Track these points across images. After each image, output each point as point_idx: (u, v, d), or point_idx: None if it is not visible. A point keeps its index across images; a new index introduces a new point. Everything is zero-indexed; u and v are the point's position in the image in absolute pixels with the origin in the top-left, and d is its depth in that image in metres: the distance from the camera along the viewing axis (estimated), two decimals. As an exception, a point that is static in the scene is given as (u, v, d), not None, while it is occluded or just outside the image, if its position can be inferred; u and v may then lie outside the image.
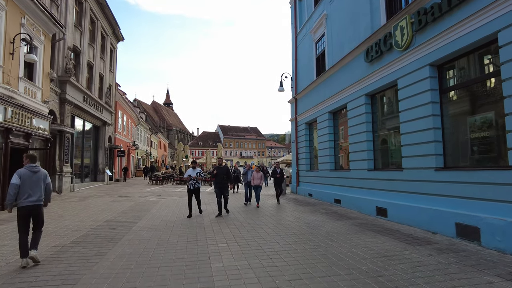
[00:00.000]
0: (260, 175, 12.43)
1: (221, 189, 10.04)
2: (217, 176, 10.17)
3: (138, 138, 43.47)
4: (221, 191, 10.03)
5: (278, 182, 13.32)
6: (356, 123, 11.09)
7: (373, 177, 10.13)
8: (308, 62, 16.14)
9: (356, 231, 7.71)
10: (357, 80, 11.02)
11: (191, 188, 9.94)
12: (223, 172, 10.18)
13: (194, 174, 9.96)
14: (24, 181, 5.14)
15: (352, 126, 11.38)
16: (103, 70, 25.72)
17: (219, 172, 10.20)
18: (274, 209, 11.43)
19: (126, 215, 10.17)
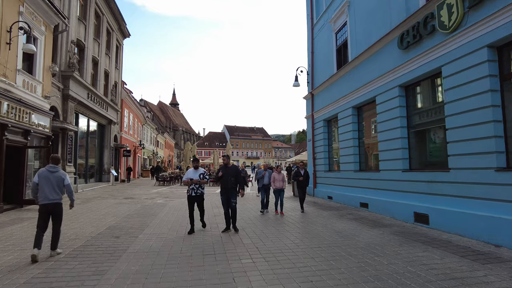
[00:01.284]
0: (282, 177, 10.56)
1: (228, 195, 7.69)
2: (223, 178, 7.72)
3: (145, 137, 42.61)
4: (228, 198, 7.69)
5: (302, 185, 11.03)
6: (388, 118, 9.92)
7: (409, 178, 8.96)
8: (326, 54, 14.99)
9: (400, 242, 6.56)
10: (388, 70, 9.86)
11: (192, 194, 7.60)
12: (230, 174, 7.70)
13: (196, 176, 7.61)
14: (41, 181, 5.47)
15: (383, 121, 10.21)
16: (108, 66, 24.82)
17: (225, 173, 7.73)
18: (294, 215, 10.30)
19: (131, 220, 9.13)
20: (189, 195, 7.69)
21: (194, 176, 7.63)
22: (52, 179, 5.54)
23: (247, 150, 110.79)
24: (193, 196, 7.66)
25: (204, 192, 7.87)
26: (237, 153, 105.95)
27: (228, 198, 7.67)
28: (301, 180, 10.88)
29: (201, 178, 7.61)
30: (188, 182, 7.64)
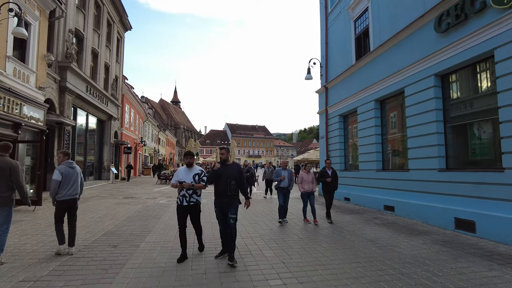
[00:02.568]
0: (312, 178, 8.67)
1: (225, 207, 5.27)
2: (220, 181, 5.33)
3: (146, 134, 41.59)
4: (224, 211, 5.29)
5: (330, 188, 8.93)
6: (420, 111, 8.83)
7: (447, 179, 7.88)
8: (343, 44, 13.88)
9: (452, 255, 5.48)
10: (420, 58, 8.77)
11: (183, 204, 5.28)
12: (231, 175, 5.31)
13: (189, 177, 5.28)
14: (65, 177, 5.46)
15: (413, 115, 9.12)
16: (109, 59, 23.75)
17: (223, 173, 5.33)
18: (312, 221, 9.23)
19: (131, 224, 8.07)
20: (179, 204, 5.30)
21: (186, 177, 5.28)
22: (73, 175, 5.61)
23: (248, 148, 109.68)
24: (185, 207, 5.27)
25: (201, 201, 5.53)
26: (239, 151, 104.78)
27: (225, 212, 5.26)
28: (328, 181, 8.83)
29: (197, 181, 5.30)
30: (178, 186, 5.23)
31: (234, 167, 5.51)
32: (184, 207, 5.30)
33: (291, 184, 8.60)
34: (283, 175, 8.46)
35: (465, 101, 7.97)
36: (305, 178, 8.64)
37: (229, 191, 5.25)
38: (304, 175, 8.70)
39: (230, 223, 5.15)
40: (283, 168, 8.87)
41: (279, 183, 8.56)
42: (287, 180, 8.51)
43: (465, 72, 7.88)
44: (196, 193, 5.38)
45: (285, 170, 8.78)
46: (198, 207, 5.48)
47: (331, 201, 9.05)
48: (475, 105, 7.63)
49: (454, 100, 8.23)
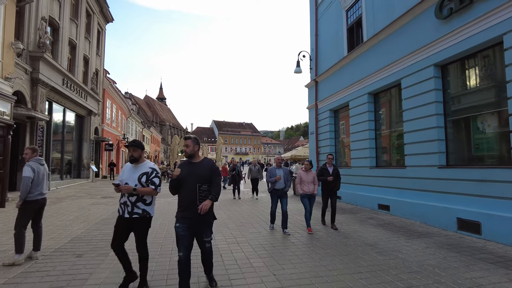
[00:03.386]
0: (312, 177, 7.23)
1: (193, 224, 3.66)
2: (184, 184, 3.71)
3: (129, 131, 40.30)
4: (192, 230, 3.68)
5: (330, 189, 7.63)
6: (418, 104, 8.27)
7: (448, 176, 7.35)
8: (334, 36, 13.26)
9: (462, 261, 4.90)
10: (419, 48, 8.20)
11: (125, 215, 3.74)
12: (201, 176, 3.70)
13: (134, 178, 3.78)
14: (36, 174, 5.02)
15: (410, 109, 8.56)
16: (88, 52, 22.57)
17: (189, 174, 3.71)
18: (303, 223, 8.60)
19: (104, 229, 7.25)
20: (119, 215, 3.80)
21: (130, 178, 3.77)
22: (44, 172, 5.21)
23: (236, 146, 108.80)
24: (126, 219, 3.72)
25: (152, 213, 3.87)
26: (226, 149, 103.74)
27: (195, 232, 3.68)
28: (330, 181, 7.53)
29: (144, 183, 3.77)
30: (120, 190, 3.70)
31: (205, 165, 3.75)
32: (125, 220, 3.71)
33: (287, 184, 7.11)
34: (278, 174, 7.05)
35: (467, 92, 7.43)
36: (304, 178, 7.18)
37: (199, 200, 3.59)
38: (303, 174, 7.24)
39: (205, 248, 3.76)
40: (277, 166, 7.32)
41: (273, 185, 7.08)
42: (283, 180, 7.07)
43: (468, 61, 7.34)
44: (144, 200, 3.76)
45: (280, 168, 7.26)
46: (145, 221, 3.79)
47: (335, 203, 7.63)
48: (479, 97, 7.10)
49: (456, 92, 7.69)
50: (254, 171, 13.82)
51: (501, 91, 6.46)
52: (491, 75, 6.82)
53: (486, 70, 6.94)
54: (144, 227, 3.85)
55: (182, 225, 3.60)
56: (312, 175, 7.27)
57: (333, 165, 7.85)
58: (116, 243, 3.78)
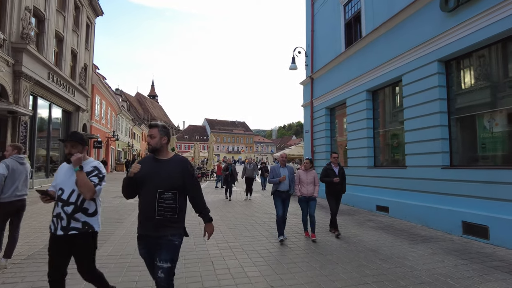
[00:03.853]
0: (313, 177, 6.46)
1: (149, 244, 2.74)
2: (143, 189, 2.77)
3: (119, 128, 39.47)
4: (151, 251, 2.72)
5: (337, 191, 6.91)
6: (420, 101, 7.91)
7: (452, 177, 6.99)
8: (331, 31, 12.86)
9: (475, 270, 4.52)
10: (422, 42, 7.83)
11: (58, 233, 2.78)
12: (164, 179, 2.72)
13: (70, 182, 2.87)
14: (11, 172, 4.57)
15: (412, 106, 8.19)
16: (76, 46, 21.81)
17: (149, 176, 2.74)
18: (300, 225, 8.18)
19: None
20: (51, 232, 2.86)
21: (66, 182, 2.90)
22: (22, 172, 4.77)
23: (228, 144, 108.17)
24: (59, 238, 2.80)
25: (97, 227, 2.98)
26: (218, 147, 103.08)
27: (153, 253, 2.71)
28: (336, 182, 6.72)
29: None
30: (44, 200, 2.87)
31: (175, 165, 2.79)
32: (59, 239, 2.78)
33: (292, 186, 6.30)
34: (283, 174, 6.15)
35: (474, 89, 7.07)
36: (303, 179, 6.41)
37: (158, 212, 2.66)
38: (302, 174, 6.46)
39: (157, 278, 2.59)
40: (281, 164, 6.35)
41: (276, 186, 6.18)
42: (288, 181, 6.20)
43: (475, 56, 6.98)
44: (84, 210, 2.88)
45: (285, 167, 6.33)
46: (86, 239, 2.87)
47: (337, 207, 6.94)
48: (486, 94, 6.75)
49: (461, 89, 7.33)
50: (249, 169, 13.12)
51: (510, 88, 6.12)
52: (499, 71, 6.47)
53: (494, 66, 6.59)
54: (86, 248, 2.89)
55: (140, 246, 2.80)
56: (313, 175, 6.48)
57: (338, 164, 7.01)
58: (52, 272, 2.77)
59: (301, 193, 6.43)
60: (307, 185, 6.39)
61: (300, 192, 6.43)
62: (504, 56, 6.36)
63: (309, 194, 6.36)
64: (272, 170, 6.33)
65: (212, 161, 27.28)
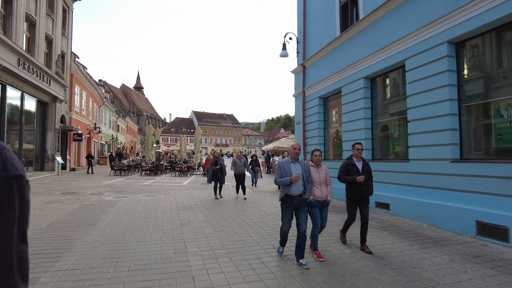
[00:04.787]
0: (324, 175, 5.10)
1: None
2: None
3: (102, 121, 37.96)
4: None
5: (360, 194, 5.32)
6: (426, 88, 7.17)
7: (461, 172, 6.31)
8: (325, 15, 12.01)
9: (505, 283, 3.81)
10: (429, 22, 7.06)
11: None
12: None
13: None
14: None
15: (416, 94, 7.45)
16: (52, 31, 20.38)
17: None
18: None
19: (51, 235, 5.78)
20: None
21: None
22: None
23: (216, 137, 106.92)
24: None
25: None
26: (206, 140, 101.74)
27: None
28: (360, 181, 5.08)
29: None
30: None
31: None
32: None
33: (308, 188, 4.61)
34: (296, 172, 4.53)
35: (488, 74, 6.34)
36: (315, 177, 4.93)
37: None
38: (313, 171, 4.96)
39: None
40: (292, 159, 4.71)
41: (286, 189, 4.56)
42: (302, 180, 4.56)
43: (490, 36, 6.25)
44: None
45: (297, 163, 4.69)
46: None
47: (367, 215, 5.23)
48: (503, 79, 6.04)
49: (473, 74, 6.61)
50: (239, 165, 11.24)
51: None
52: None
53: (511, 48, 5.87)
54: None
55: None
56: (325, 172, 5.07)
57: (362, 158, 5.45)
58: None
59: (314, 197, 4.88)
60: (320, 186, 4.95)
61: (313, 195, 4.88)
62: (525, 35, 5.64)
63: (323, 197, 4.95)
64: (280, 167, 4.67)
65: (199, 154, 26.34)
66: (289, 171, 4.57)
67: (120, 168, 21.55)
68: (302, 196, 4.56)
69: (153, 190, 12.87)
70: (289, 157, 4.86)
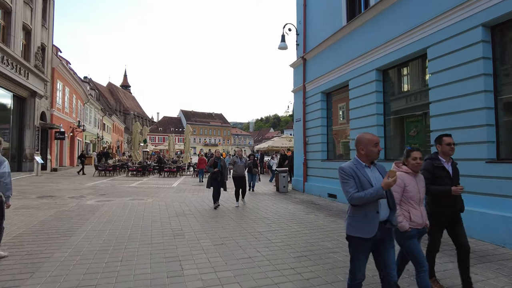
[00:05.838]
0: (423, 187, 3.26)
1: None
2: None
3: (87, 119, 36.36)
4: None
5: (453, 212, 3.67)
6: (452, 80, 6.32)
7: (499, 174, 5.48)
8: (328, 4, 11.11)
9: None
10: (459, 4, 6.21)
11: None
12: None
13: None
14: None
15: (439, 86, 6.59)
16: (30, 22, 18.96)
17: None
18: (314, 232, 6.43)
19: (14, 252, 4.67)
20: None
21: None
22: None
23: (205, 136, 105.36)
24: None
25: None
26: (194, 139, 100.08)
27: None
28: (458, 193, 3.50)
29: None
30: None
31: None
32: None
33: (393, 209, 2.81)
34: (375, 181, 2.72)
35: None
36: (412, 191, 3.14)
37: None
38: (409, 180, 3.16)
39: None
40: (365, 159, 2.83)
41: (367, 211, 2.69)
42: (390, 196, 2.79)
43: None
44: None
45: (373, 166, 2.84)
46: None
47: (466, 242, 3.62)
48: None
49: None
50: (239, 165, 9.45)
51: None
52: None
53: None
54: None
55: None
56: (423, 183, 3.28)
57: (451, 159, 3.79)
58: None
59: (412, 223, 3.07)
60: (420, 205, 3.17)
61: (411, 221, 3.08)
62: None
63: (424, 223, 3.17)
64: (347, 174, 2.75)
65: (189, 153, 25.16)
66: (368, 180, 2.71)
67: (105, 168, 20.24)
68: (388, 223, 2.75)
69: (140, 193, 11.75)
70: (357, 157, 2.88)
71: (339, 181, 2.85)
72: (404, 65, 8.16)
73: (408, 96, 8.17)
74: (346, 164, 2.84)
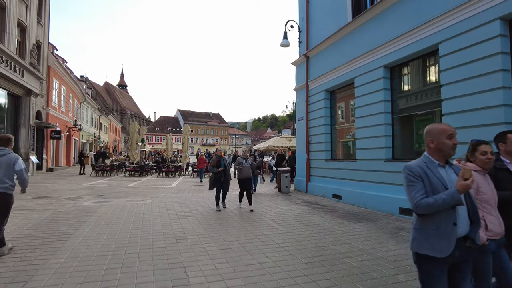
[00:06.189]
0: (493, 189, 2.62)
1: None
2: None
3: (84, 118, 35.89)
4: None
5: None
6: (468, 76, 6.07)
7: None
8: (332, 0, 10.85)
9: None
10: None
11: None
12: None
13: None
14: None
15: (455, 82, 6.34)
16: (25, 18, 18.53)
17: None
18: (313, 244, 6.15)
19: (4, 260, 4.35)
20: None
21: None
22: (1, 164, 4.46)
23: (202, 136, 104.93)
24: None
25: None
26: (192, 139, 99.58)
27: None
28: None
29: None
30: None
31: None
32: None
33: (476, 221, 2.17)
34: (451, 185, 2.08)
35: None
36: (487, 193, 2.58)
37: None
38: (482, 182, 2.58)
39: None
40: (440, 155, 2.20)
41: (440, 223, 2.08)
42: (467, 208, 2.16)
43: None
44: None
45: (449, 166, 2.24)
46: None
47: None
48: None
49: (531, 56, 5.53)
50: (245, 166, 8.70)
51: None
52: None
53: None
54: None
55: None
56: (492, 184, 2.68)
57: None
58: None
59: (488, 233, 2.52)
60: (492, 207, 2.60)
61: (487, 230, 2.54)
62: None
63: (502, 231, 2.59)
64: (415, 175, 2.16)
65: (187, 153, 24.82)
66: (442, 183, 2.12)
67: (102, 168, 19.87)
68: (470, 241, 2.14)
69: (139, 194, 11.42)
70: (427, 153, 2.26)
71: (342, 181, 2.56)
72: (414, 62, 7.90)
73: (418, 94, 7.91)
74: (413, 162, 2.21)
